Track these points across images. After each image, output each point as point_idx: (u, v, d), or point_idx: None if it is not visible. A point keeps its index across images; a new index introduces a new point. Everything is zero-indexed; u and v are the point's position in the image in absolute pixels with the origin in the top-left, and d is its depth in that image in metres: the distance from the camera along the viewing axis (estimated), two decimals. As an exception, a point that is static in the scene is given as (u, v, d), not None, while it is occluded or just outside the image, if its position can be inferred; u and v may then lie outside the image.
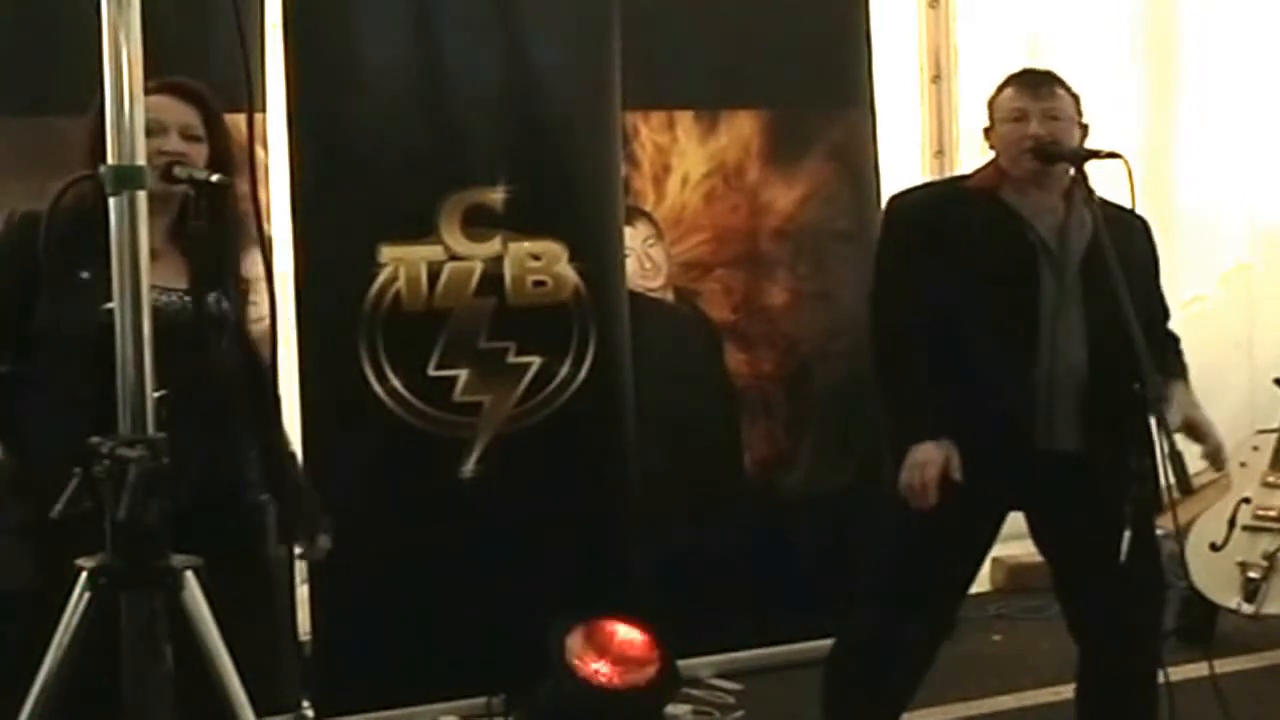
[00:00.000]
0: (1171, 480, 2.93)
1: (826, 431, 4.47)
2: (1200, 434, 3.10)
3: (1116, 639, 3.18)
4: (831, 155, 4.44)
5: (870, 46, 4.50)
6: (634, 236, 4.22)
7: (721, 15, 4.32)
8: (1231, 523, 4.51)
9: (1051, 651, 3.74)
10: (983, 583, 4.88)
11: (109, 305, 2.06)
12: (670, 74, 4.28)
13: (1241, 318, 5.85)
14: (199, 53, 3.28)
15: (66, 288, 2.42)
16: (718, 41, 4.30)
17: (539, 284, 4.00)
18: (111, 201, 2.03)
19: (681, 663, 3.93)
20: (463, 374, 3.92)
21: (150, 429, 2.03)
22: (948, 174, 4.65)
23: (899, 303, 3.18)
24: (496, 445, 3.96)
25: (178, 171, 2.48)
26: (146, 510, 1.97)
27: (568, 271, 4.02)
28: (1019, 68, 3.22)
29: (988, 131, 3.20)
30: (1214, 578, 4.45)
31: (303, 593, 3.85)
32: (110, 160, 2.03)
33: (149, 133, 2.11)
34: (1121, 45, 5.56)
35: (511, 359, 3.97)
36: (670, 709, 3.94)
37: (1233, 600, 4.41)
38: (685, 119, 4.30)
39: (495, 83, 3.97)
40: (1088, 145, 3.12)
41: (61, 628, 2.04)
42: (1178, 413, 3.02)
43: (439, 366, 3.91)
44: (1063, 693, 3.54)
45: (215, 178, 2.48)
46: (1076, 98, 3.14)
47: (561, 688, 3.74)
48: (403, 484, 3.86)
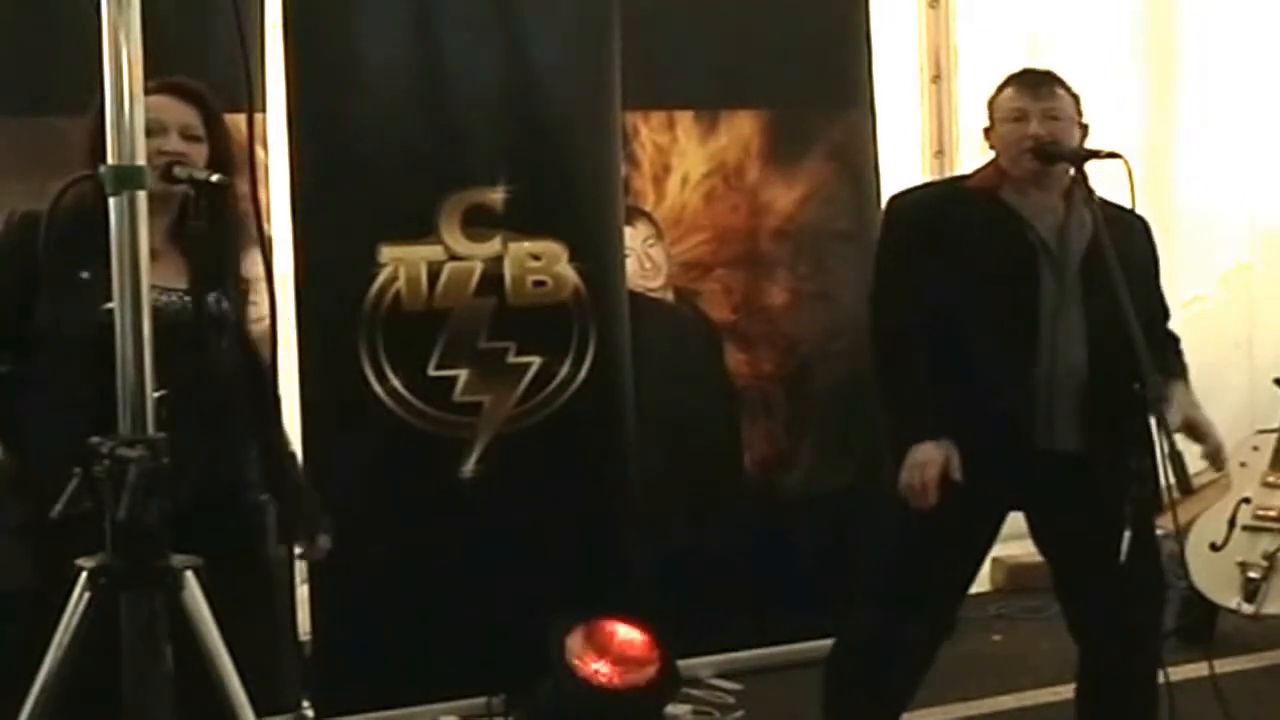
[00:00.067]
0: (1171, 480, 2.94)
1: (826, 431, 4.47)
2: (1200, 434, 3.10)
3: (1116, 639, 3.17)
4: (831, 155, 4.44)
5: (870, 46, 4.50)
6: (634, 236, 4.22)
7: (721, 15, 4.31)
8: (1231, 523, 4.51)
9: (1051, 651, 3.74)
10: (983, 583, 4.87)
11: (109, 305, 2.06)
12: (670, 74, 4.27)
13: (1241, 318, 5.85)
14: (199, 53, 3.28)
15: (66, 287, 2.42)
16: (718, 41, 4.30)
17: (539, 284, 4.00)
18: (111, 201, 2.03)
19: (681, 663, 3.93)
20: (463, 374, 3.92)
21: (150, 429, 2.03)
22: (948, 174, 4.64)
23: (899, 303, 3.18)
24: (496, 445, 3.96)
25: (178, 171, 2.48)
26: (146, 510, 1.97)
27: (568, 271, 4.02)
28: (1019, 68, 3.23)
29: (988, 131, 3.20)
30: (1214, 578, 4.45)
31: (303, 593, 3.85)
32: (110, 160, 2.03)
33: (149, 133, 2.11)
34: (1121, 45, 5.56)
35: (511, 359, 3.97)
36: (670, 709, 3.94)
37: (1233, 600, 4.41)
38: (685, 119, 4.30)
39: (495, 83, 3.97)
40: (1088, 145, 3.12)
41: (61, 628, 2.04)
42: (1178, 413, 3.02)
43: (439, 366, 3.91)
44: (1063, 693, 3.54)
45: (215, 178, 2.48)
46: (1076, 98, 3.14)
47: (561, 688, 3.74)
48: (403, 484, 3.86)
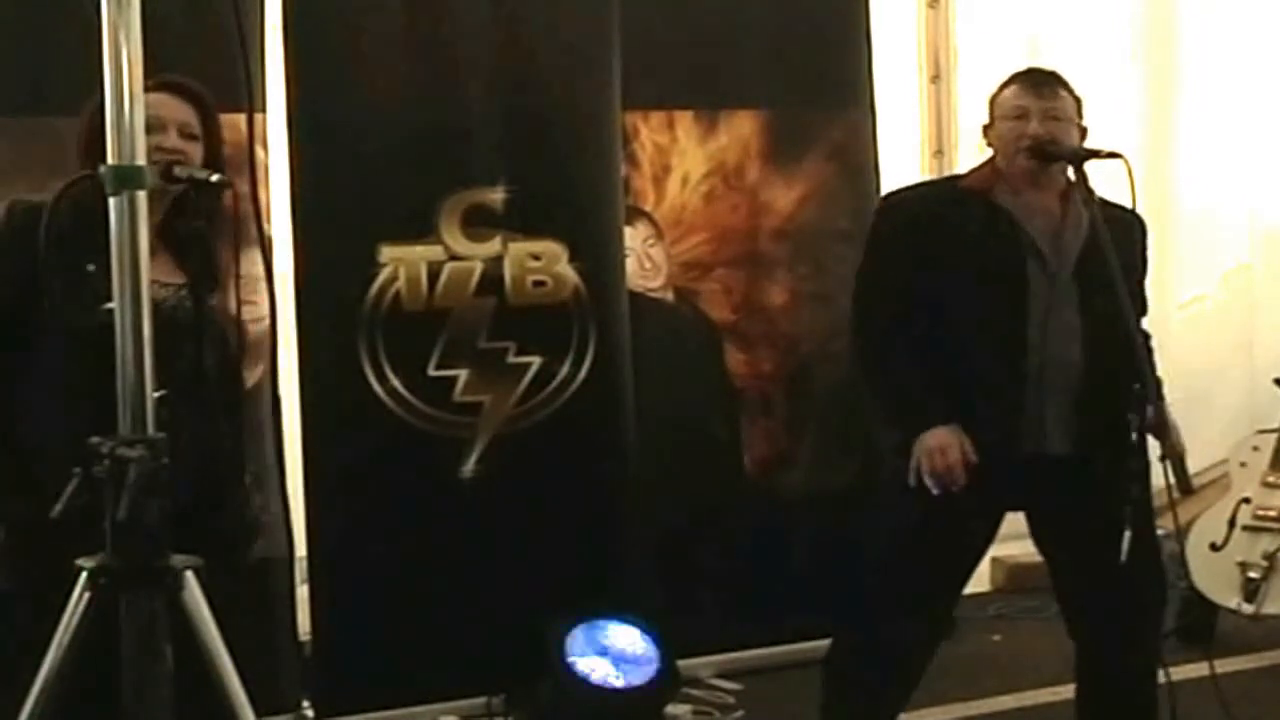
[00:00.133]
0: (1172, 480, 2.94)
1: (826, 431, 4.47)
2: (1162, 432, 3.04)
3: (1116, 639, 3.18)
4: (831, 155, 4.44)
5: (870, 46, 4.50)
6: (634, 236, 4.22)
7: (721, 16, 4.31)
8: (1231, 523, 4.50)
9: (1051, 651, 3.74)
10: (983, 583, 4.89)
11: (109, 305, 2.06)
12: (670, 74, 4.27)
13: (1241, 318, 5.85)
14: (199, 53, 3.26)
15: (69, 282, 2.42)
16: (718, 41, 4.30)
17: (539, 284, 4.00)
18: (111, 201, 2.03)
19: (681, 663, 3.93)
20: (463, 374, 3.92)
21: (150, 429, 2.03)
22: (947, 174, 4.64)
23: (882, 302, 3.18)
24: (496, 445, 3.96)
25: (178, 171, 2.48)
26: (146, 510, 1.97)
27: (568, 271, 4.02)
28: (1021, 67, 3.22)
29: (987, 129, 3.19)
30: (1214, 578, 4.44)
31: (303, 593, 3.85)
32: (110, 160, 2.03)
33: (147, 129, 2.10)
34: (1121, 45, 5.56)
35: (511, 359, 3.97)
36: (670, 709, 3.94)
37: (1233, 600, 4.41)
38: (685, 119, 4.29)
39: (495, 83, 3.97)
40: (1087, 145, 3.12)
41: (61, 628, 2.04)
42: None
43: (439, 366, 3.90)
44: (1062, 693, 3.54)
45: (216, 178, 2.48)
46: (1079, 100, 3.14)
47: (561, 688, 3.74)
48: (403, 484, 3.86)
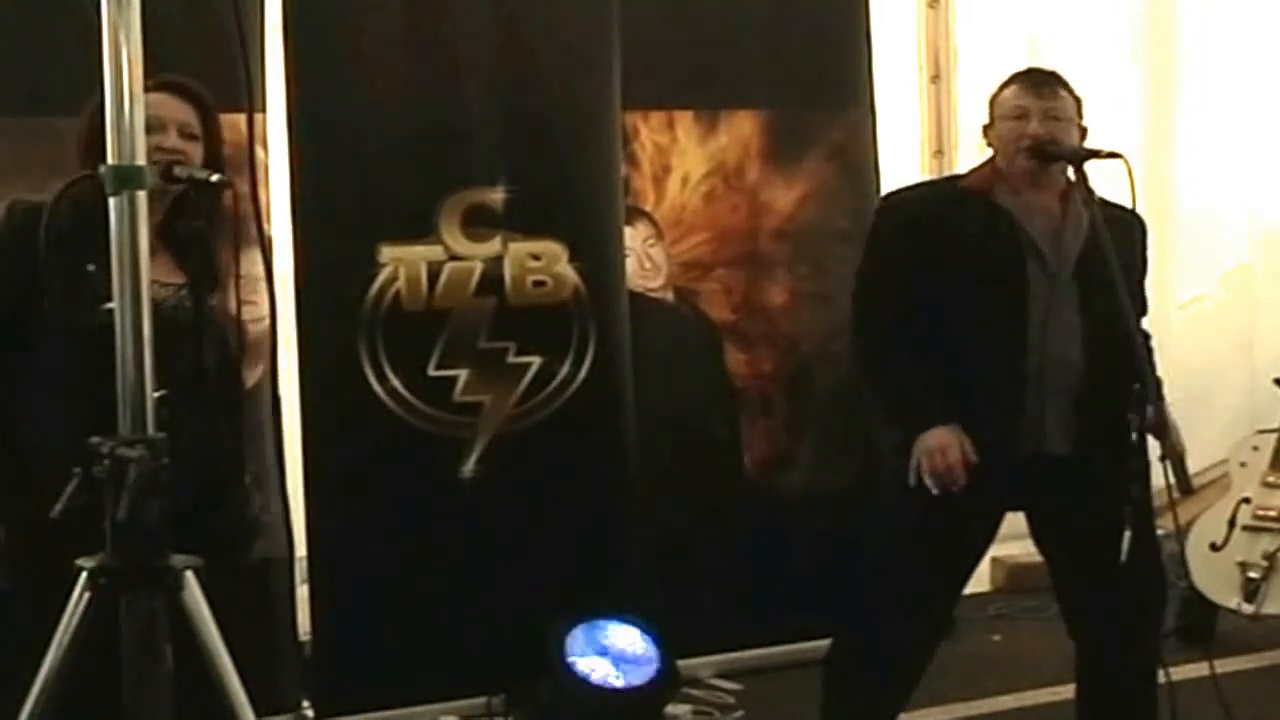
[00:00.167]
0: (1172, 480, 2.93)
1: (826, 431, 4.47)
2: (1162, 432, 3.05)
3: (1116, 639, 3.18)
4: (831, 155, 4.44)
5: (870, 46, 4.50)
6: (634, 236, 4.22)
7: (722, 15, 4.31)
8: (1231, 523, 4.50)
9: (1051, 651, 3.74)
10: (983, 583, 4.89)
11: (109, 305, 2.05)
12: (670, 74, 4.27)
13: (1241, 318, 5.85)
14: (199, 53, 3.27)
15: (69, 282, 2.42)
16: (718, 41, 4.30)
17: (539, 284, 4.00)
18: (111, 201, 2.03)
19: (681, 663, 3.93)
20: (463, 374, 3.92)
21: (150, 429, 2.03)
22: (947, 174, 4.64)
23: (881, 302, 3.18)
24: (496, 445, 3.96)
25: (179, 171, 2.48)
26: (146, 510, 1.97)
27: (568, 271, 4.02)
28: (1021, 67, 3.22)
29: (987, 128, 3.19)
30: (1214, 578, 4.44)
31: (303, 593, 3.85)
32: (110, 160, 2.03)
33: (147, 129, 2.10)
34: (1121, 45, 5.56)
35: (511, 359, 3.97)
36: (670, 709, 3.94)
37: (1233, 600, 4.41)
38: (685, 119, 4.29)
39: (495, 83, 3.96)
40: (1088, 145, 3.12)
41: (61, 628, 2.04)
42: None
43: (439, 366, 3.90)
44: (1062, 693, 3.54)
45: (215, 178, 2.48)
46: (1079, 100, 3.14)
47: (561, 688, 3.74)
48: (403, 484, 3.86)
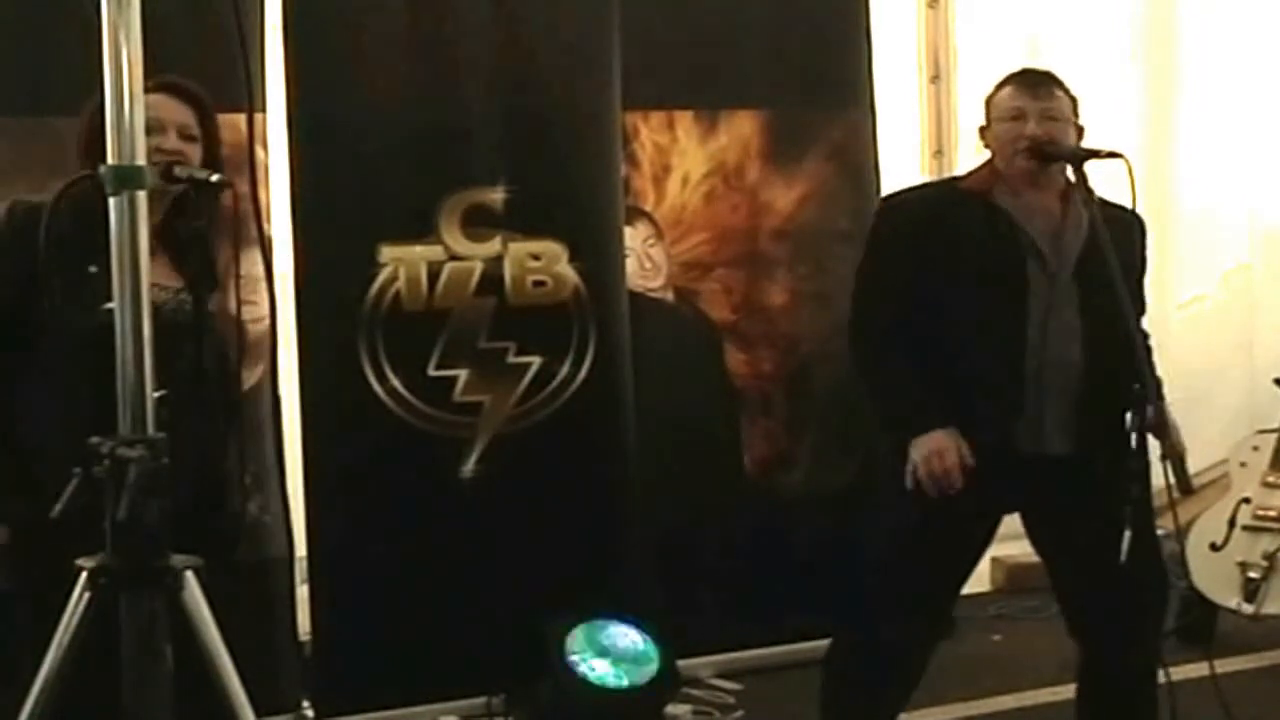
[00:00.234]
0: (1172, 480, 2.93)
1: (826, 431, 4.47)
2: (1162, 432, 3.03)
3: (1116, 639, 3.17)
4: (831, 155, 4.44)
5: (870, 46, 4.50)
6: (634, 236, 4.22)
7: (722, 15, 4.31)
8: (1231, 523, 4.50)
9: (1051, 651, 3.74)
10: (983, 583, 4.89)
11: (109, 305, 2.06)
12: (670, 74, 4.27)
13: (1241, 318, 5.85)
14: (199, 53, 3.27)
15: (69, 282, 2.42)
16: (718, 41, 4.30)
17: (539, 284, 4.00)
18: (111, 201, 2.03)
19: (681, 663, 3.93)
20: (463, 374, 3.92)
21: (150, 429, 2.03)
22: (947, 174, 4.64)
23: (881, 304, 3.18)
24: (496, 445, 3.96)
25: (179, 171, 2.48)
26: (146, 510, 1.97)
27: (568, 271, 4.02)
28: (1018, 68, 3.22)
29: (983, 130, 3.19)
30: (1214, 578, 4.44)
31: (303, 593, 3.85)
32: (110, 160, 2.03)
33: (147, 130, 2.10)
34: (1121, 45, 5.56)
35: (511, 359, 3.97)
36: (670, 709, 3.94)
37: (1233, 600, 4.41)
38: (685, 119, 4.29)
39: (495, 83, 3.97)
40: (1087, 145, 3.12)
41: (61, 628, 2.04)
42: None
43: (439, 366, 3.90)
44: (1062, 693, 3.54)
45: (216, 178, 2.48)
46: (1074, 99, 3.13)
47: (561, 688, 3.74)
48: (403, 484, 3.86)
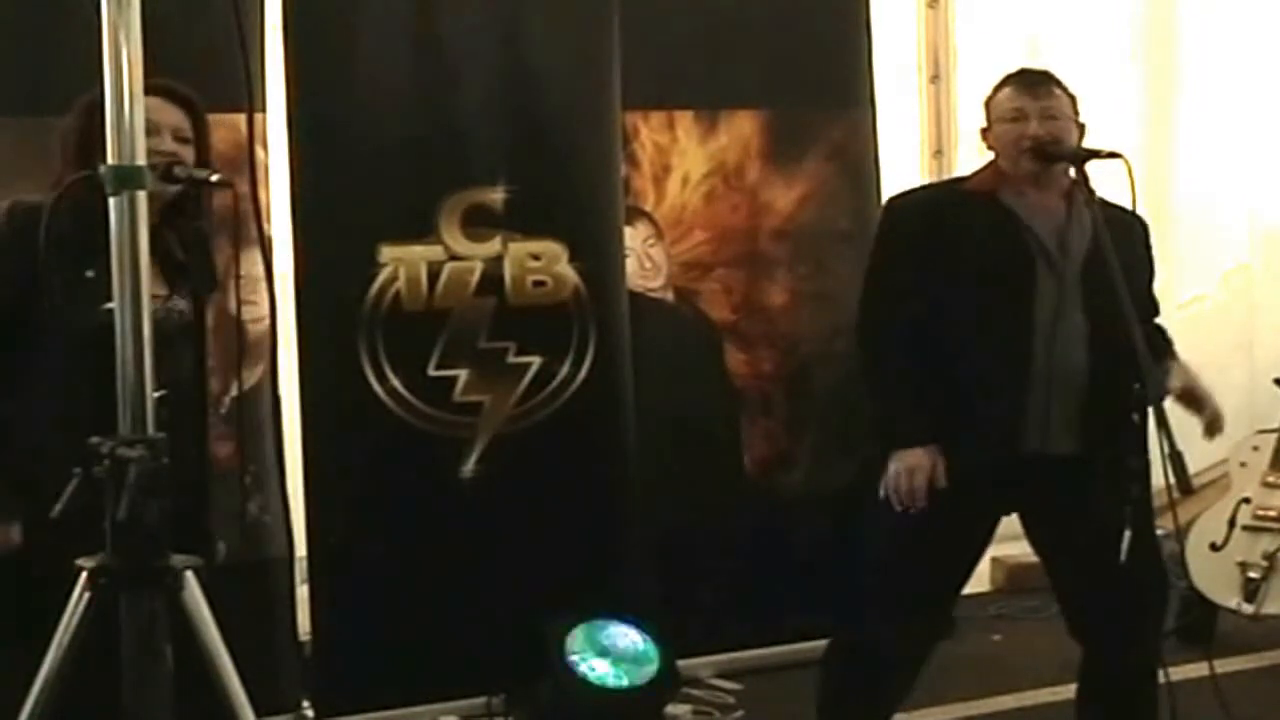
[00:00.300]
0: (1172, 480, 2.93)
1: (826, 431, 4.47)
2: (1199, 402, 3.11)
3: (1116, 639, 3.17)
4: (831, 155, 4.44)
5: (870, 46, 4.50)
6: (634, 236, 4.22)
7: (722, 15, 4.31)
8: (1231, 523, 4.50)
9: (1051, 651, 3.74)
10: (983, 583, 4.89)
11: (109, 305, 2.06)
12: (670, 74, 4.27)
13: (1241, 318, 5.85)
14: (199, 53, 3.26)
15: (69, 282, 2.42)
16: (718, 41, 4.30)
17: (539, 284, 4.00)
18: (111, 202, 2.03)
19: (681, 663, 3.93)
20: (463, 374, 3.92)
21: (150, 429, 2.03)
22: (947, 174, 4.65)
23: (888, 305, 3.18)
24: (496, 445, 3.96)
25: (178, 171, 2.49)
26: (146, 510, 1.97)
27: (568, 271, 4.02)
28: (1017, 68, 3.22)
29: (984, 132, 3.19)
30: (1214, 578, 4.44)
31: (303, 593, 3.85)
32: (110, 160, 2.03)
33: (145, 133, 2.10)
34: (1120, 45, 5.57)
35: (511, 359, 3.97)
36: (670, 709, 3.94)
37: (1233, 600, 4.41)
38: (685, 119, 4.29)
39: (495, 83, 3.96)
40: (1087, 145, 3.12)
41: (61, 628, 2.04)
42: (1177, 379, 3.08)
43: (439, 366, 3.90)
44: (1062, 693, 3.54)
45: (215, 177, 2.49)
46: (1074, 98, 3.14)
47: (561, 688, 3.74)
48: (403, 484, 3.86)
